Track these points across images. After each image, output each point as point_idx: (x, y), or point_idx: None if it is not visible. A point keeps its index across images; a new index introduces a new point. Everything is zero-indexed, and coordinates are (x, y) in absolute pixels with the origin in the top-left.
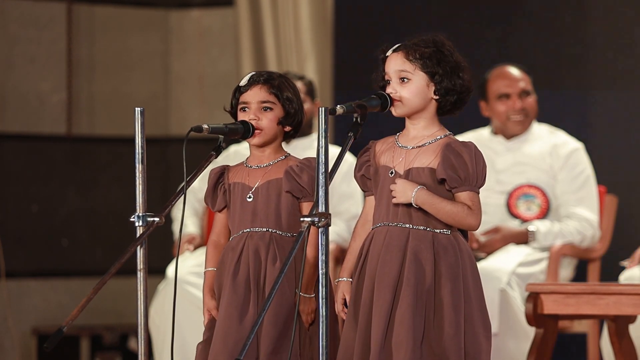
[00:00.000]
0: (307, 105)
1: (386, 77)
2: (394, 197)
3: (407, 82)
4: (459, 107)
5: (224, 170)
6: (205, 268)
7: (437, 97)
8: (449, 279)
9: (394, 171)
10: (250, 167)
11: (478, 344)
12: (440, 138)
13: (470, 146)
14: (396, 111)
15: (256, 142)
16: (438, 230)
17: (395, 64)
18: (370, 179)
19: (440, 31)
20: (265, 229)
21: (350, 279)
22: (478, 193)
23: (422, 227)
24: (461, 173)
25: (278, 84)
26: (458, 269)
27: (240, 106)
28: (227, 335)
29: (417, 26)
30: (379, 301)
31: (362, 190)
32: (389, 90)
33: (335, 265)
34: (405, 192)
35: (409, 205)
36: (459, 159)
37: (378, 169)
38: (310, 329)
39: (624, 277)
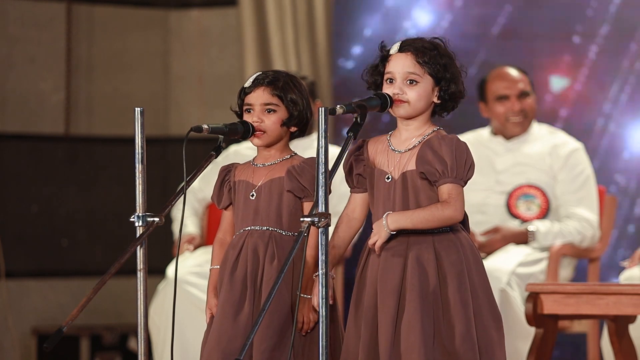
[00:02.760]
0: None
1: (388, 76)
2: (377, 244)
3: (415, 85)
4: (450, 111)
5: (231, 168)
6: (210, 266)
7: (439, 102)
8: (454, 277)
9: (390, 176)
10: (256, 165)
11: (489, 337)
12: (429, 134)
13: (450, 139)
14: (399, 112)
15: (259, 143)
16: (437, 231)
17: (405, 65)
18: (359, 175)
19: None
20: (265, 228)
21: (332, 275)
22: (461, 185)
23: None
24: (438, 166)
25: (282, 85)
26: (462, 265)
27: (244, 107)
28: (221, 333)
29: (416, 26)
30: (383, 308)
31: (350, 186)
32: (393, 90)
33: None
34: (380, 230)
35: (403, 208)
36: (434, 153)
37: (373, 172)
38: (307, 333)
39: (624, 277)
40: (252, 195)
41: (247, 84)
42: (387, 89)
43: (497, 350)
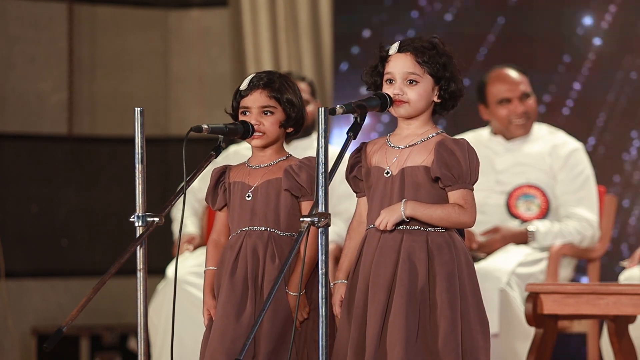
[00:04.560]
0: (311, 107)
1: (388, 77)
2: (385, 222)
3: (415, 85)
4: (450, 110)
5: (225, 170)
6: (205, 267)
7: (439, 101)
8: (444, 277)
9: (389, 171)
10: (251, 166)
11: (475, 341)
12: (433, 136)
13: (462, 143)
14: (399, 112)
15: (259, 144)
16: (432, 229)
17: (405, 65)
18: (362, 180)
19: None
20: (263, 228)
21: (347, 281)
22: (472, 190)
23: (416, 227)
24: (454, 171)
25: (278, 87)
26: (453, 267)
27: (241, 110)
28: (224, 333)
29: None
30: (373, 303)
31: (354, 191)
32: (393, 90)
33: (334, 265)
34: (393, 211)
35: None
36: (452, 157)
37: (370, 170)
38: (302, 326)
39: (623, 277)
40: (248, 197)
41: (242, 87)
42: (387, 90)
43: (481, 355)
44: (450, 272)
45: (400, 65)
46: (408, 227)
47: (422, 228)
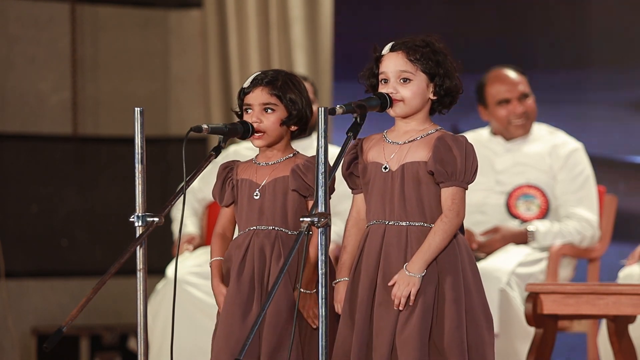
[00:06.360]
0: (316, 106)
1: (382, 77)
2: (407, 295)
3: (408, 83)
4: (449, 107)
5: (232, 166)
6: (211, 259)
7: (435, 98)
8: (448, 273)
9: (387, 166)
10: (259, 164)
11: (481, 337)
12: (432, 132)
13: (461, 141)
14: (396, 111)
15: (260, 144)
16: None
17: (396, 64)
18: (358, 177)
19: (435, 29)
20: (271, 227)
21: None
22: (465, 188)
23: (418, 224)
24: (448, 168)
25: (281, 85)
26: (457, 263)
27: (244, 107)
28: (230, 333)
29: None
30: (383, 303)
31: (350, 188)
32: (387, 89)
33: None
34: (409, 280)
35: (403, 200)
36: (448, 154)
37: (367, 166)
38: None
39: (622, 274)
40: (256, 195)
41: (246, 84)
42: (382, 90)
43: (488, 350)
44: (454, 268)
45: (392, 64)
46: (410, 222)
47: (425, 224)
